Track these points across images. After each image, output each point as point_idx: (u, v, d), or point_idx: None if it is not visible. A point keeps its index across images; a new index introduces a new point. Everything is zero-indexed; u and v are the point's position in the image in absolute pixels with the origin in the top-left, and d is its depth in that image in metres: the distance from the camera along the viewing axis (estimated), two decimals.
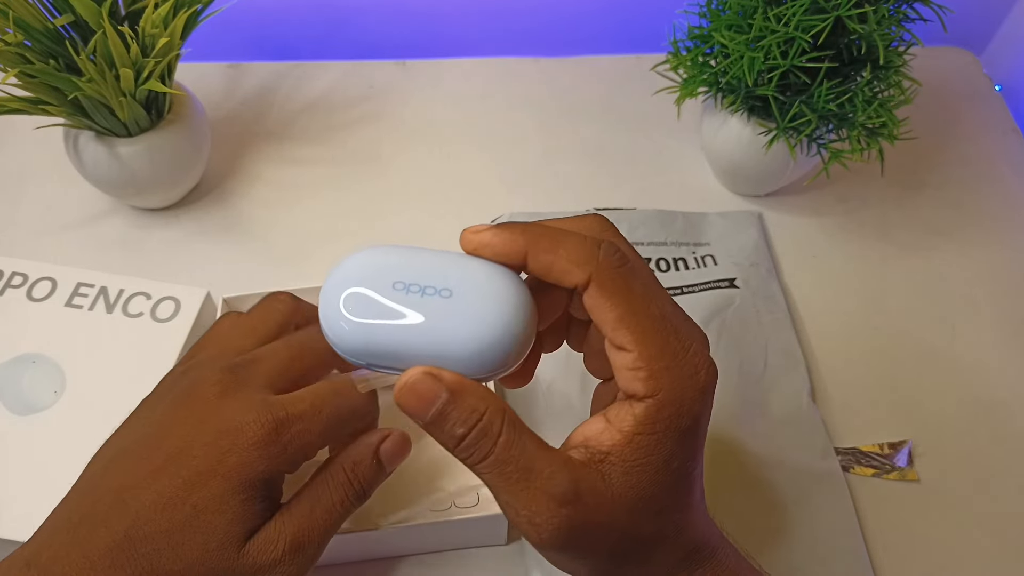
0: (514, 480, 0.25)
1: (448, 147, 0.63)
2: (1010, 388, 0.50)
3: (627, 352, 0.25)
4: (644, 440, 0.25)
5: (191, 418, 0.31)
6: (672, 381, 0.25)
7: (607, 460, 0.25)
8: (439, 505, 0.39)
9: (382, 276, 0.27)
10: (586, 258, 0.26)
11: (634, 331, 0.25)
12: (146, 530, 0.29)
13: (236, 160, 0.61)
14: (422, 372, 0.26)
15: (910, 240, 0.58)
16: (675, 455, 0.26)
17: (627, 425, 0.25)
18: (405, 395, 0.26)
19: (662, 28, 0.54)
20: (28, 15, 0.45)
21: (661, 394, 0.25)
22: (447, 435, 0.26)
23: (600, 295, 0.26)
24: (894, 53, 0.49)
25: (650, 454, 0.25)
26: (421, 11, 0.70)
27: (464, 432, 0.25)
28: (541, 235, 0.27)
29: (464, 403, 0.25)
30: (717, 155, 0.57)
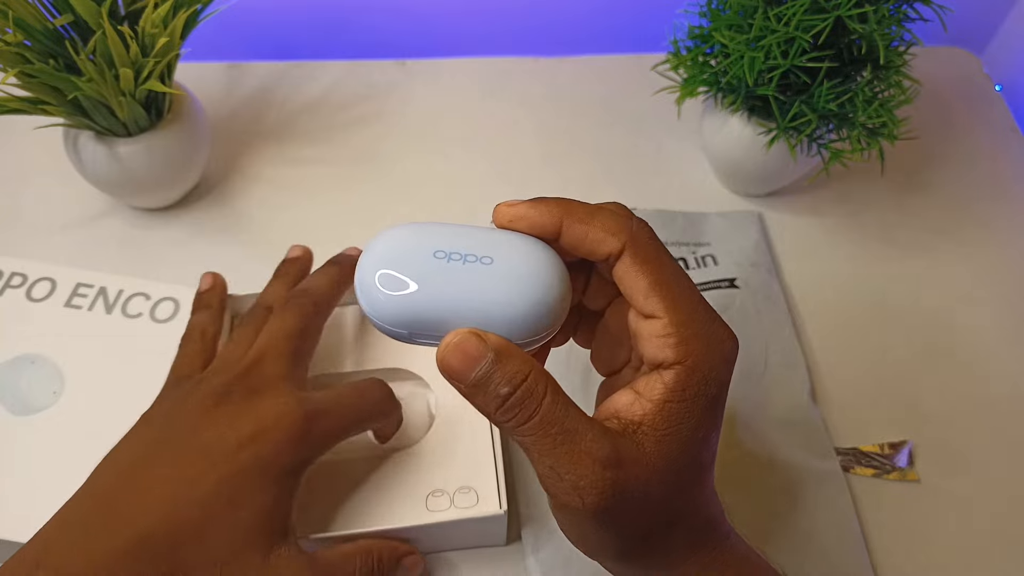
0: (559, 442, 0.25)
1: (448, 147, 0.63)
2: (1010, 388, 0.50)
3: (657, 319, 0.26)
4: (674, 408, 0.26)
5: (223, 417, 0.32)
6: (701, 347, 0.26)
7: (640, 430, 0.26)
8: (438, 506, 0.39)
9: (422, 246, 0.27)
10: (620, 228, 0.27)
11: (665, 298, 0.26)
12: (174, 526, 0.29)
13: (235, 160, 0.61)
14: (468, 332, 0.26)
15: (910, 240, 0.58)
16: (702, 424, 0.26)
17: (657, 394, 0.26)
18: (451, 354, 0.25)
19: (662, 28, 0.54)
20: (28, 15, 0.45)
21: (690, 360, 0.26)
22: (491, 396, 0.25)
23: (633, 263, 0.27)
24: (894, 53, 0.49)
25: (680, 423, 0.26)
26: (421, 11, 0.70)
27: (509, 392, 0.25)
28: (576, 207, 0.28)
29: (509, 364, 0.25)
30: (717, 155, 0.57)
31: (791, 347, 0.50)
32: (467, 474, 0.40)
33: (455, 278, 0.27)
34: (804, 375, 0.49)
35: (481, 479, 0.40)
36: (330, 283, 0.41)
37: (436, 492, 0.39)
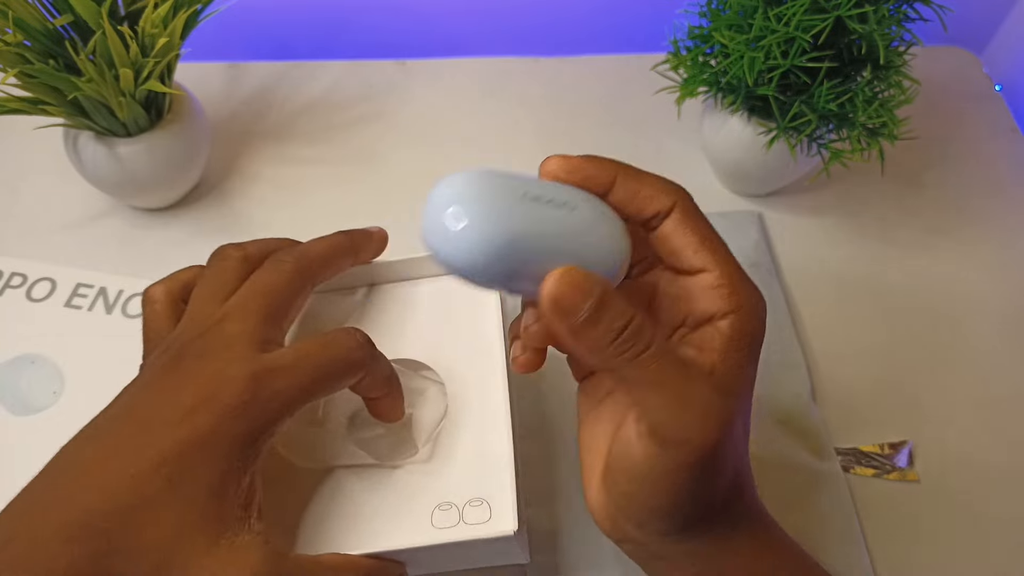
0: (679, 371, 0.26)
1: (448, 147, 0.63)
2: (1011, 388, 0.50)
3: (708, 272, 0.28)
4: (735, 357, 0.27)
5: (168, 385, 0.29)
6: (748, 296, 0.27)
7: (714, 378, 0.26)
8: (445, 522, 0.33)
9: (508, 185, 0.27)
10: (671, 188, 0.29)
11: (715, 253, 0.28)
12: (110, 505, 0.26)
13: (235, 160, 0.61)
14: (575, 268, 0.25)
15: (910, 240, 0.58)
16: (752, 374, 0.28)
17: (718, 343, 0.27)
18: (563, 288, 0.25)
19: (662, 28, 0.54)
20: (28, 15, 0.45)
21: (744, 305, 0.27)
22: (604, 329, 0.25)
23: (684, 219, 0.28)
24: (894, 53, 0.49)
25: (744, 367, 0.27)
26: (421, 11, 0.70)
27: (624, 324, 0.25)
28: (630, 168, 0.29)
29: (618, 299, 0.25)
30: (717, 155, 0.57)
31: (791, 347, 0.50)
32: (480, 484, 0.34)
33: (547, 218, 0.26)
34: (804, 375, 0.49)
35: (495, 489, 0.34)
36: (328, 247, 0.36)
37: (443, 505, 0.34)
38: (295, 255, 0.35)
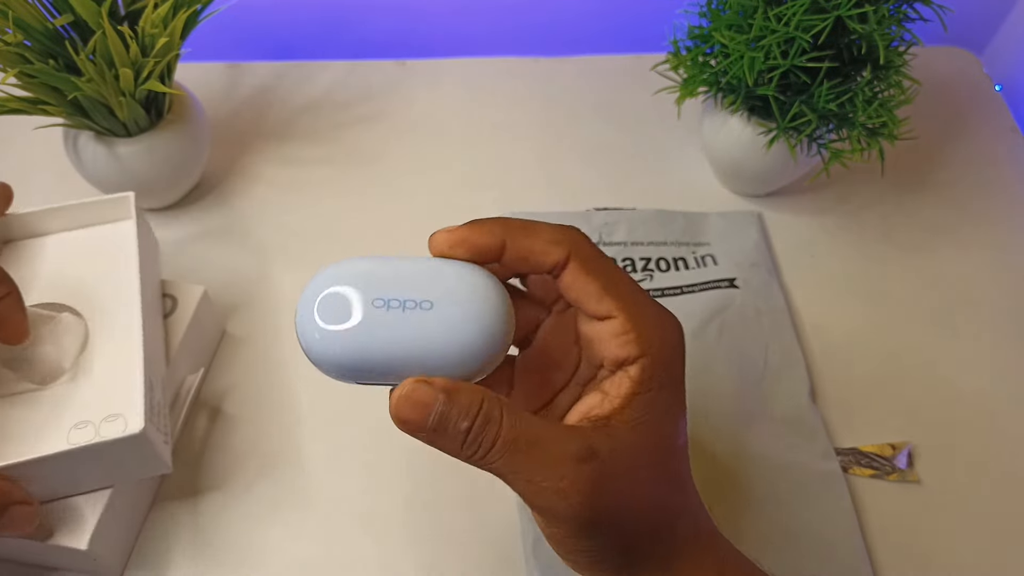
0: (528, 454, 0.25)
1: (448, 147, 0.63)
2: (1011, 389, 0.50)
3: (613, 319, 0.27)
4: (643, 399, 0.26)
5: None
6: (658, 337, 0.27)
7: (611, 423, 0.26)
8: (80, 438, 0.37)
9: (360, 291, 0.27)
10: (563, 238, 0.28)
11: (617, 299, 0.27)
12: None
13: (235, 160, 0.61)
14: (414, 381, 0.26)
15: (910, 240, 0.58)
16: (670, 407, 0.27)
17: (625, 388, 0.27)
18: (403, 406, 0.25)
19: (662, 28, 0.54)
20: (28, 15, 0.45)
21: (652, 350, 0.27)
22: (451, 434, 0.25)
23: (581, 270, 0.27)
24: (894, 53, 0.49)
25: (650, 409, 0.27)
26: (421, 11, 0.70)
27: (468, 425, 0.25)
28: (515, 223, 0.28)
29: (460, 399, 0.26)
30: (717, 155, 0.57)
31: (791, 347, 0.50)
32: (116, 401, 0.38)
33: (396, 328, 0.27)
34: (804, 375, 0.49)
35: (129, 405, 0.38)
36: None
37: (80, 424, 0.38)
38: None
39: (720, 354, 0.49)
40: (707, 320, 0.51)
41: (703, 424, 0.46)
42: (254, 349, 0.50)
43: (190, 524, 0.44)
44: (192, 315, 0.46)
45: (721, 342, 0.50)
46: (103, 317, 0.42)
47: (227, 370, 0.50)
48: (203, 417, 0.48)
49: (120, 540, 0.42)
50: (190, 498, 0.45)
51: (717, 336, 0.50)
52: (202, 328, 0.48)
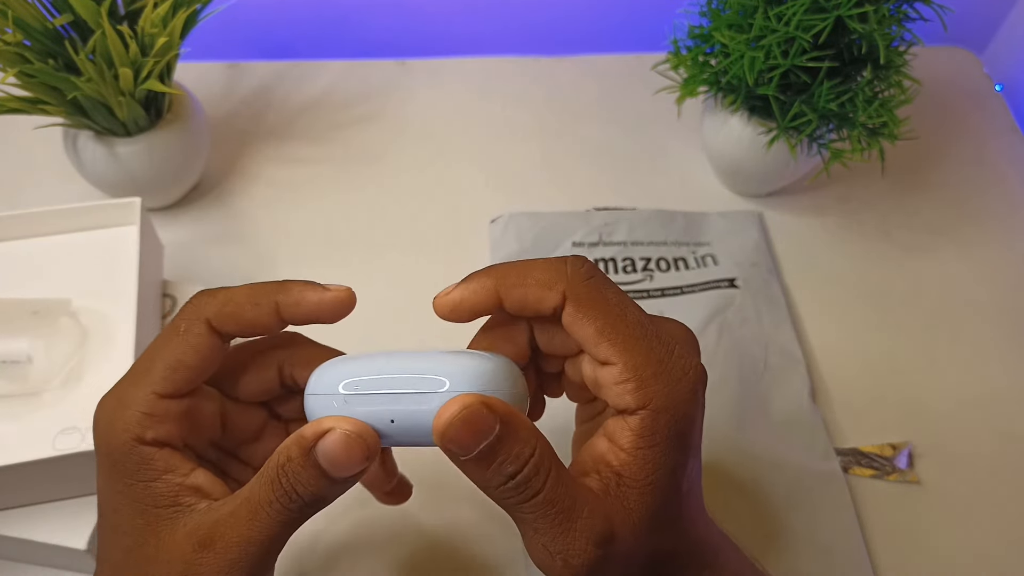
0: (557, 522, 0.24)
1: (448, 146, 0.63)
2: (1010, 389, 0.50)
3: (612, 365, 0.25)
4: (648, 454, 0.25)
5: None
6: (662, 387, 0.25)
7: (622, 482, 0.25)
8: (66, 444, 0.37)
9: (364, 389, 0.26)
10: (555, 278, 0.26)
11: (615, 342, 0.25)
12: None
13: (235, 160, 0.61)
14: (478, 399, 0.24)
15: (910, 240, 0.58)
16: (679, 463, 0.25)
17: (627, 441, 0.25)
18: (457, 427, 0.23)
19: (662, 28, 0.54)
20: (27, 15, 0.45)
21: (653, 403, 0.25)
22: (494, 472, 0.24)
23: (576, 311, 0.25)
24: (895, 53, 0.49)
25: (657, 468, 0.25)
26: (421, 10, 0.70)
27: (515, 471, 0.24)
28: (508, 271, 0.27)
29: (518, 436, 0.24)
30: (718, 155, 0.57)
31: (791, 347, 0.50)
32: (69, 415, 0.38)
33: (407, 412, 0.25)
34: (804, 375, 0.49)
35: None
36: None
37: (68, 430, 0.38)
38: None
39: (720, 354, 0.49)
40: (707, 320, 0.51)
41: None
42: None
43: None
44: None
45: (721, 342, 0.50)
46: (101, 321, 0.42)
47: None
48: None
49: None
50: None
51: (717, 336, 0.50)
52: None
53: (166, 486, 0.26)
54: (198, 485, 0.26)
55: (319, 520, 0.27)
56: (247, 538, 0.24)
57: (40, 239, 0.46)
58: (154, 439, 0.26)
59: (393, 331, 0.50)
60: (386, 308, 0.51)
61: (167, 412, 0.26)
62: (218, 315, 0.27)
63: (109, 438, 0.26)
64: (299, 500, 0.25)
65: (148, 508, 0.25)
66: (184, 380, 0.27)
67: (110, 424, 0.26)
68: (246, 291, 0.27)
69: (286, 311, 0.27)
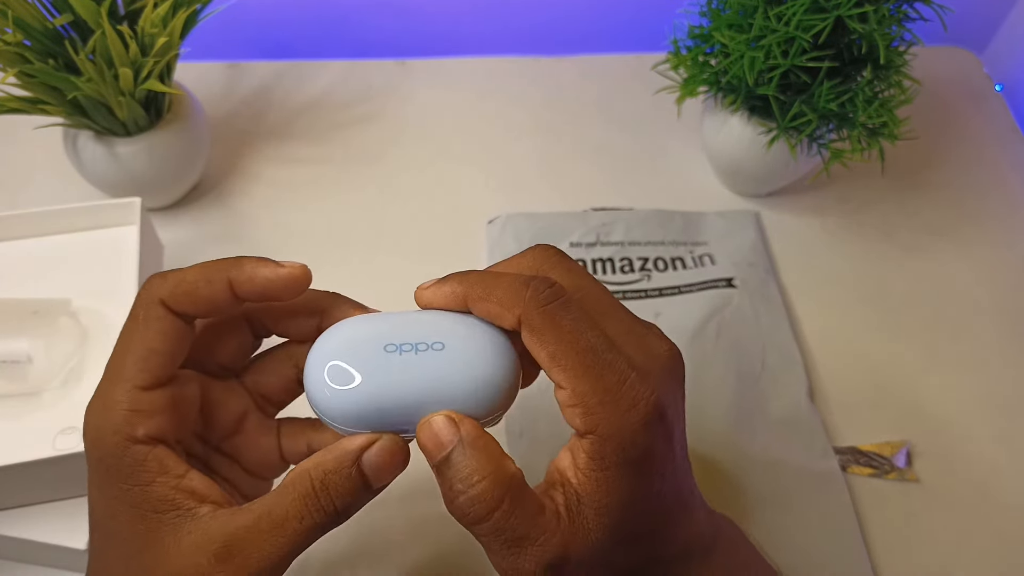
0: (508, 546, 0.25)
1: (448, 146, 0.63)
2: (1010, 388, 0.50)
3: (563, 389, 0.25)
4: (601, 477, 0.25)
5: None
6: (609, 416, 0.25)
7: (581, 502, 0.25)
8: (67, 444, 0.37)
9: (371, 341, 0.27)
10: (513, 300, 0.26)
11: (565, 368, 0.25)
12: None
13: (235, 160, 0.61)
14: (445, 415, 0.25)
15: (910, 240, 0.58)
16: (638, 487, 0.25)
17: (582, 461, 0.25)
18: (423, 431, 0.25)
19: (662, 28, 0.54)
20: (27, 14, 0.45)
21: (600, 428, 0.25)
22: (447, 486, 0.25)
23: (530, 335, 0.26)
24: (895, 53, 0.49)
25: (611, 492, 0.25)
26: (420, 10, 0.70)
27: (461, 490, 0.25)
28: (475, 283, 0.27)
29: (472, 459, 0.25)
30: (718, 155, 0.57)
31: (789, 347, 0.50)
32: (69, 415, 0.39)
33: (409, 367, 0.26)
34: (802, 375, 0.49)
35: None
36: None
37: (68, 430, 0.38)
38: None
39: (718, 354, 0.49)
40: (705, 320, 0.51)
41: (701, 424, 0.46)
42: None
43: None
44: None
45: (719, 342, 0.50)
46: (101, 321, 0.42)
47: None
48: None
49: None
50: None
51: (715, 336, 0.50)
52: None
53: (163, 489, 0.26)
54: (193, 488, 0.26)
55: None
56: (269, 552, 0.25)
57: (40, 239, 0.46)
58: (145, 435, 0.26)
59: None
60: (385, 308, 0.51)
61: (152, 405, 0.26)
62: (172, 295, 0.27)
63: (100, 443, 0.26)
64: (334, 512, 0.25)
65: (148, 513, 0.25)
66: (159, 367, 0.27)
67: (98, 429, 0.26)
68: (198, 269, 0.27)
69: (239, 287, 0.27)
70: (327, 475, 0.25)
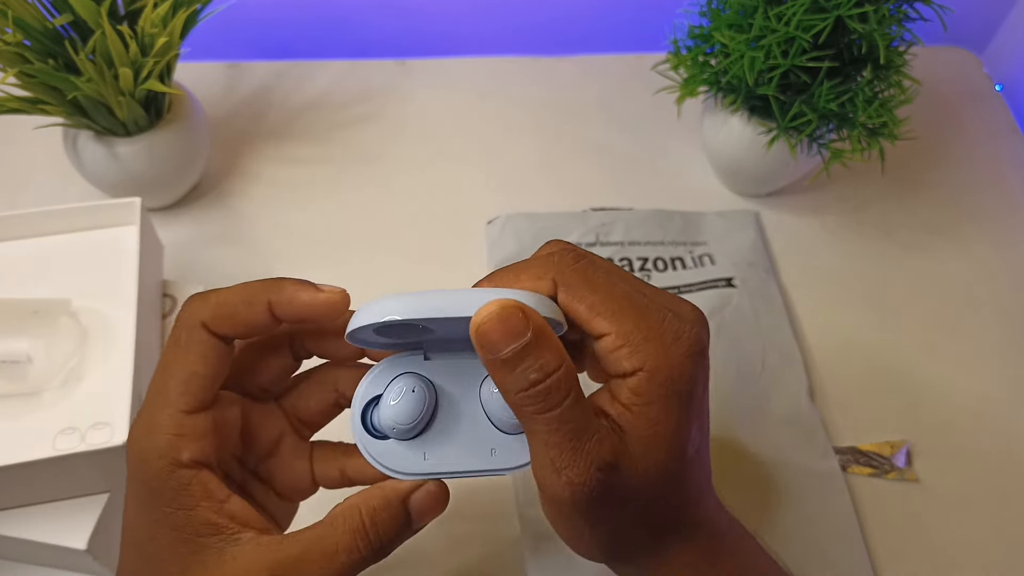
0: (568, 439, 0.25)
1: (447, 146, 0.63)
2: (1010, 388, 0.50)
3: (606, 336, 0.26)
4: (646, 410, 0.26)
5: None
6: (655, 350, 0.26)
7: (624, 434, 0.26)
8: (66, 444, 0.37)
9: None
10: (545, 269, 0.27)
11: (606, 314, 0.26)
12: None
13: (235, 160, 0.61)
14: (515, 304, 0.25)
15: (910, 239, 0.58)
16: (682, 422, 0.26)
17: (625, 397, 0.26)
18: (492, 324, 0.24)
19: (662, 28, 0.54)
20: (27, 15, 0.45)
21: (648, 364, 0.26)
22: (519, 376, 0.25)
23: (567, 294, 0.27)
24: (895, 53, 0.49)
25: (657, 423, 0.26)
26: (420, 11, 0.70)
27: (538, 379, 0.25)
28: (502, 276, 0.28)
29: (547, 349, 0.25)
30: (717, 155, 0.57)
31: (789, 346, 0.50)
32: (108, 410, 0.38)
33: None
34: (802, 374, 0.49)
35: (118, 413, 0.38)
36: None
37: (67, 430, 0.37)
38: None
39: (718, 353, 0.49)
40: None
41: None
42: None
43: None
44: None
45: (719, 342, 0.50)
46: (101, 321, 0.42)
47: None
48: None
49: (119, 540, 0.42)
50: None
51: (715, 335, 0.50)
52: None
53: (207, 513, 0.26)
54: (234, 512, 0.26)
55: None
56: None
57: (40, 239, 0.46)
58: (190, 459, 0.26)
59: None
60: None
61: (195, 429, 0.27)
62: (213, 318, 0.27)
63: (144, 466, 0.26)
64: (379, 547, 0.27)
65: (191, 537, 0.26)
66: (201, 390, 0.27)
67: (143, 452, 0.26)
68: (239, 291, 0.28)
69: (279, 309, 0.28)
70: (376, 512, 0.27)
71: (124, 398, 0.38)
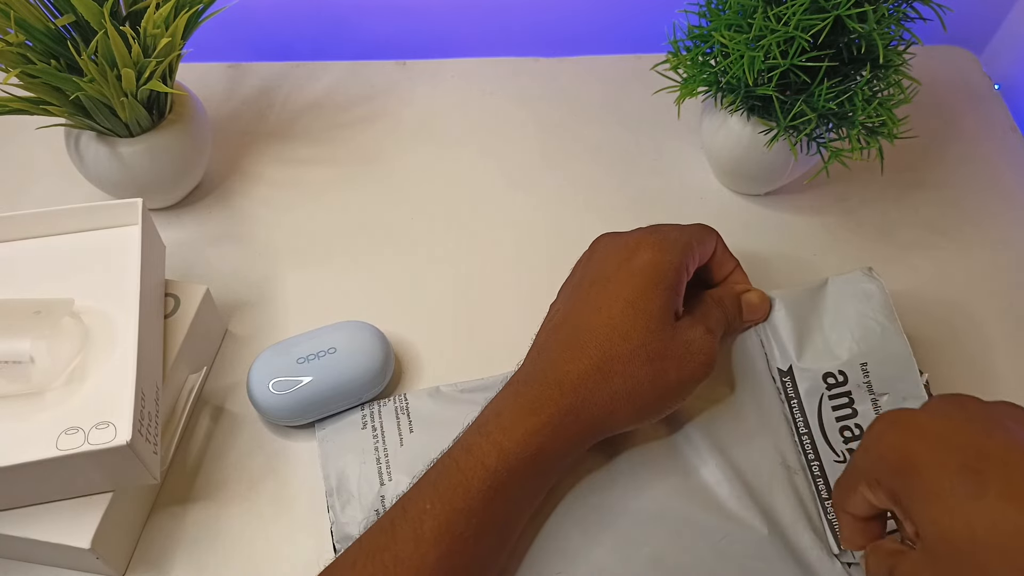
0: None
1: (448, 147, 0.63)
2: (1010, 389, 0.50)
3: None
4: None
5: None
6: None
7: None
8: (70, 444, 0.37)
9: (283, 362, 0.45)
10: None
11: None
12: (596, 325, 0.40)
13: (237, 160, 0.61)
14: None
15: (910, 239, 0.58)
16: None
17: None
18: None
19: (662, 28, 0.54)
20: (30, 15, 0.45)
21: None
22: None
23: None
24: (894, 52, 0.49)
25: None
26: (421, 11, 0.70)
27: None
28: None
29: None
30: (717, 155, 0.57)
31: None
32: (111, 409, 0.38)
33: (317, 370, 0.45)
34: None
35: (120, 413, 0.38)
36: None
37: (71, 430, 0.37)
38: None
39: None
40: None
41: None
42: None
43: (193, 523, 0.44)
44: (194, 315, 0.46)
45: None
46: (103, 321, 0.42)
47: (229, 369, 0.50)
48: (206, 416, 0.48)
49: (123, 539, 0.42)
50: (193, 497, 0.45)
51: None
52: (204, 327, 0.48)
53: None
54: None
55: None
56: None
57: (42, 239, 0.46)
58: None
59: (393, 330, 0.51)
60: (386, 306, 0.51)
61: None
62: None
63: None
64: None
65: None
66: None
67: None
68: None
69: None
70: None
71: (127, 398, 0.38)
